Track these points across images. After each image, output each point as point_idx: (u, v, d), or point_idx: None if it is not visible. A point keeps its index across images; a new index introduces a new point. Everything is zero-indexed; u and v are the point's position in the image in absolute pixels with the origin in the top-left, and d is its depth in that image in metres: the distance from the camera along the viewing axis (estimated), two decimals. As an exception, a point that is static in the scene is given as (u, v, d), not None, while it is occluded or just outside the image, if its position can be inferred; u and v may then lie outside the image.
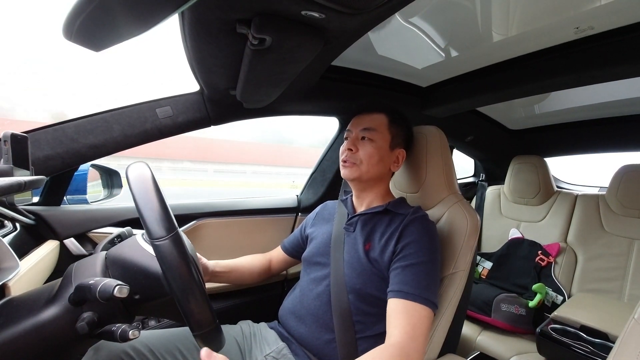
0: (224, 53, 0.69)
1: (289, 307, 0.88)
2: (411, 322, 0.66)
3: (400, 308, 0.68)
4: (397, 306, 0.69)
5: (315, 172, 1.42)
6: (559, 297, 1.40)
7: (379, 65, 1.10)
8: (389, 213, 0.84)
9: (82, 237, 0.95)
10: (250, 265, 1.00)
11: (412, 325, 0.66)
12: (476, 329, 1.37)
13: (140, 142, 0.94)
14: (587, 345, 1.01)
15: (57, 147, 0.85)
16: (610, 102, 1.37)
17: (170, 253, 0.49)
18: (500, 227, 1.77)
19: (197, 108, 1.00)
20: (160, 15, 0.45)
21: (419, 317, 0.67)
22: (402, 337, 0.64)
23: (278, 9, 0.52)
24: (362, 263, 0.79)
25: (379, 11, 0.55)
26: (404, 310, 0.68)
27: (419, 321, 0.67)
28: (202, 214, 1.16)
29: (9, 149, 0.60)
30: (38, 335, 0.49)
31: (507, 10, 0.78)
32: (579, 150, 1.80)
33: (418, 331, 0.66)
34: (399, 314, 0.68)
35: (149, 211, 0.49)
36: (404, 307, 0.68)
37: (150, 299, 0.55)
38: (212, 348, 0.52)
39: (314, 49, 0.65)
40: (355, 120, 0.89)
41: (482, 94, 1.13)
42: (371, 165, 0.84)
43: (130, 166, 0.54)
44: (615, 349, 0.49)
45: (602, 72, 0.88)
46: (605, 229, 1.45)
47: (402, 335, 0.64)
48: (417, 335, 0.66)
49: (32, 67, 13.40)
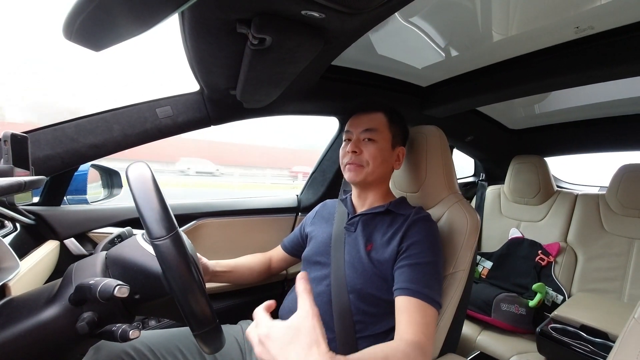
0: (224, 53, 0.69)
1: (289, 306, 0.88)
2: (425, 321, 0.66)
3: (412, 306, 0.68)
4: (409, 304, 0.68)
5: (315, 172, 1.42)
6: (559, 297, 1.40)
7: (379, 65, 1.10)
8: (390, 213, 0.84)
9: (82, 237, 0.95)
10: (250, 264, 1.00)
11: (426, 324, 0.65)
12: (476, 329, 1.37)
13: (140, 142, 0.94)
14: (588, 345, 1.01)
15: (57, 147, 0.85)
16: (610, 102, 1.37)
17: (170, 253, 0.49)
18: (500, 227, 1.77)
19: (197, 108, 1.00)
20: (160, 15, 0.45)
21: (429, 317, 0.67)
22: (419, 337, 0.63)
23: (278, 9, 0.52)
24: (364, 263, 0.79)
25: (379, 11, 0.55)
26: (416, 308, 0.67)
27: (429, 320, 0.67)
28: (202, 214, 1.16)
29: (9, 149, 0.60)
30: (38, 335, 0.49)
31: (507, 10, 0.78)
32: (579, 150, 1.80)
33: (430, 331, 0.66)
34: (412, 311, 0.67)
35: (149, 211, 0.49)
36: (416, 306, 0.67)
37: (150, 298, 0.55)
38: (212, 348, 0.52)
39: (314, 49, 0.65)
40: (354, 121, 0.88)
41: (482, 94, 1.13)
42: (376, 166, 0.84)
43: (130, 166, 0.54)
44: (616, 349, 0.49)
45: (602, 72, 0.88)
46: (606, 228, 1.45)
47: (419, 335, 0.63)
48: (431, 335, 0.66)
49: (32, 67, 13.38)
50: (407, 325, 0.66)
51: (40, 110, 5.40)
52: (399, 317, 0.68)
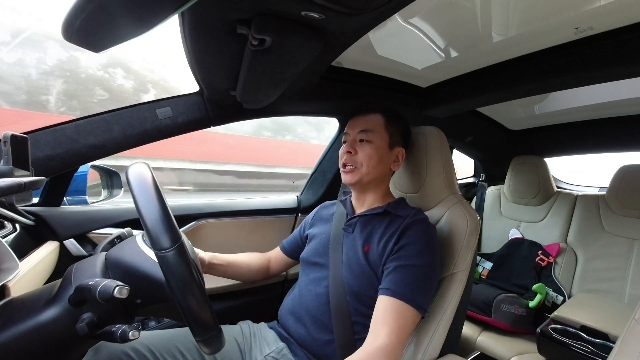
0: (224, 53, 0.69)
1: (287, 307, 0.88)
2: (399, 324, 0.66)
3: (389, 307, 0.68)
4: (387, 304, 0.69)
5: (315, 173, 1.42)
6: (559, 298, 1.40)
7: (379, 65, 1.10)
8: (388, 214, 0.84)
9: (82, 238, 0.95)
10: (248, 261, 1.00)
11: (399, 327, 0.66)
12: (476, 329, 1.37)
13: (140, 142, 0.94)
14: (588, 346, 1.01)
15: (57, 148, 0.85)
16: (610, 102, 1.37)
17: (175, 264, 0.49)
18: (500, 228, 1.76)
19: (197, 108, 1.00)
20: (160, 16, 0.45)
21: (405, 319, 0.67)
22: (390, 339, 0.64)
23: (278, 10, 0.52)
24: (361, 265, 0.79)
25: (379, 11, 0.55)
26: (393, 309, 0.68)
27: (404, 323, 0.67)
28: (202, 215, 1.16)
29: (9, 150, 0.60)
30: (38, 336, 0.49)
31: (507, 11, 0.78)
32: (579, 150, 1.80)
33: (404, 333, 0.66)
34: (388, 313, 0.68)
35: (152, 221, 0.49)
36: (393, 306, 0.68)
37: (152, 303, 0.55)
38: (212, 349, 0.52)
39: (313, 50, 0.65)
40: (352, 123, 0.89)
41: (482, 94, 1.13)
42: (371, 167, 0.84)
43: (130, 169, 0.54)
44: (616, 349, 0.49)
45: (602, 72, 0.88)
46: (606, 229, 1.45)
47: (390, 337, 0.64)
48: (403, 337, 0.66)
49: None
50: (380, 327, 0.66)
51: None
52: (376, 316, 0.69)
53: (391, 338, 0.64)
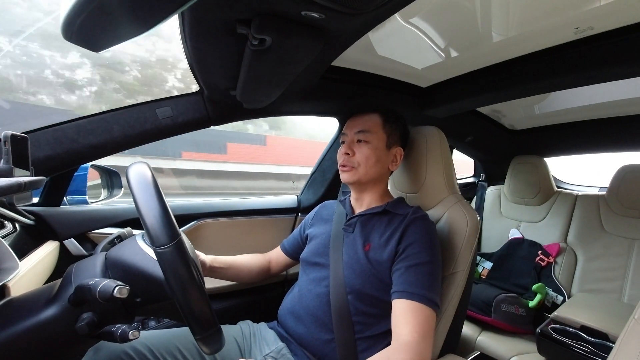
0: (224, 53, 0.69)
1: (287, 307, 0.88)
2: (419, 322, 0.67)
3: (407, 308, 0.69)
4: (404, 306, 0.69)
5: (315, 173, 1.42)
6: (559, 297, 1.40)
7: (379, 65, 1.10)
8: (387, 213, 0.84)
9: (82, 238, 0.95)
10: (248, 263, 1.00)
11: (420, 325, 0.67)
12: (476, 329, 1.37)
13: (140, 142, 0.94)
14: (587, 346, 1.01)
15: (57, 148, 0.85)
16: (610, 102, 1.37)
17: (173, 260, 0.49)
18: (500, 228, 1.76)
19: (197, 108, 1.00)
20: (160, 16, 0.45)
21: (424, 317, 0.68)
22: (412, 337, 0.65)
23: (278, 10, 0.52)
24: (362, 264, 0.79)
25: (379, 11, 0.55)
26: (411, 310, 0.68)
27: (424, 320, 0.68)
28: (202, 215, 1.16)
29: (9, 150, 0.60)
30: (38, 336, 0.49)
31: (507, 11, 0.78)
32: (579, 150, 1.80)
33: (427, 331, 0.67)
34: (407, 313, 0.68)
35: (151, 218, 0.49)
36: (411, 308, 0.69)
37: (151, 302, 0.55)
38: (212, 349, 0.52)
39: (313, 50, 0.65)
40: (350, 123, 0.90)
41: (482, 94, 1.13)
42: (369, 167, 0.84)
43: (130, 168, 0.54)
44: (616, 349, 0.49)
45: (602, 72, 0.88)
46: (606, 229, 1.45)
47: (413, 335, 0.65)
48: (427, 334, 0.66)
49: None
50: (401, 327, 0.67)
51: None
52: (393, 320, 0.70)
53: (413, 335, 0.65)
